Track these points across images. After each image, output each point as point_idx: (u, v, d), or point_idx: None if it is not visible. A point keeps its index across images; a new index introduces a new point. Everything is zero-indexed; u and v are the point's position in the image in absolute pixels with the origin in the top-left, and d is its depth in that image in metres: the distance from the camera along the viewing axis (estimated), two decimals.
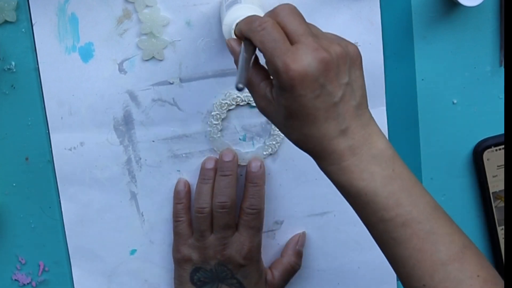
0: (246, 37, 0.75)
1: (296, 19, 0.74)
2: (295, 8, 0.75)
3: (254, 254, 0.93)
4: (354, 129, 0.74)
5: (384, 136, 0.76)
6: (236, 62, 0.76)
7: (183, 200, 0.95)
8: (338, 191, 0.76)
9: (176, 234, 0.95)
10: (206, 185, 0.93)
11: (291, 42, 0.73)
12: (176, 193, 0.95)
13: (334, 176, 0.75)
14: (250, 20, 0.75)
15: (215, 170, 0.93)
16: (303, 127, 0.73)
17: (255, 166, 0.93)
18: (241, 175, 0.96)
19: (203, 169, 0.94)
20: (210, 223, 0.93)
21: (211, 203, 0.92)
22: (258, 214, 0.93)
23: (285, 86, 0.72)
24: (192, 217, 0.95)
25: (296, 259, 0.96)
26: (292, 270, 0.96)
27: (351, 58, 0.74)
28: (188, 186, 0.95)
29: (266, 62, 0.74)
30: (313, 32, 0.74)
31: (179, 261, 0.94)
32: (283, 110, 0.73)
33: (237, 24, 0.80)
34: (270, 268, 0.96)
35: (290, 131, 0.75)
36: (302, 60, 0.71)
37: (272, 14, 0.75)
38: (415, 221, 0.74)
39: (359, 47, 0.92)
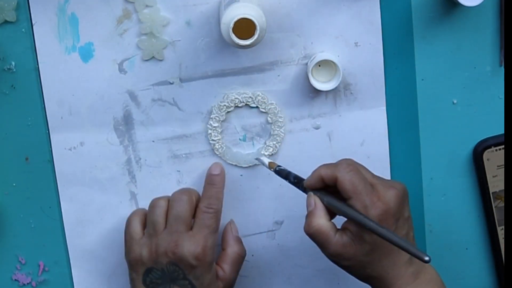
0: (331, 178, 0.85)
1: (362, 168, 0.86)
2: (352, 159, 0.87)
3: (207, 255, 0.91)
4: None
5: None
6: (312, 210, 0.87)
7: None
8: None
9: (129, 235, 0.93)
10: None
11: None
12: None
13: None
14: (331, 165, 0.86)
15: None
16: (381, 258, 0.85)
17: (215, 168, 0.94)
18: (240, 175, 0.96)
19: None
20: (164, 216, 0.92)
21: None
22: (215, 214, 0.92)
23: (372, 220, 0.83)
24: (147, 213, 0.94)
25: (239, 246, 0.95)
26: (240, 258, 0.95)
27: (407, 195, 0.87)
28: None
29: (352, 200, 0.84)
30: (372, 175, 0.87)
31: (131, 263, 0.92)
32: (366, 246, 0.84)
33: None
34: (217, 263, 0.94)
35: (368, 265, 0.85)
36: (385, 197, 0.84)
37: (337, 166, 0.86)
38: None
39: (359, 47, 0.93)
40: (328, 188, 0.87)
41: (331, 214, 0.87)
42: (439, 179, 0.96)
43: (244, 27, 0.83)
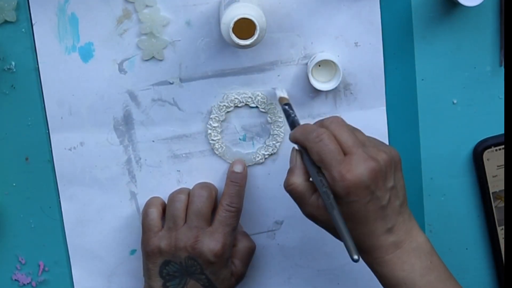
0: (302, 146, 0.83)
1: (346, 131, 0.83)
2: (342, 119, 0.84)
3: (225, 253, 0.92)
4: (398, 226, 0.83)
5: (422, 230, 0.85)
6: (292, 167, 0.85)
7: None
8: (378, 280, 0.84)
9: (146, 226, 0.94)
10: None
11: (343, 152, 0.82)
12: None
13: (377, 267, 0.84)
14: (306, 130, 0.84)
15: None
16: (354, 227, 0.82)
17: (238, 167, 0.94)
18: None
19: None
20: (184, 210, 0.93)
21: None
22: (236, 213, 0.93)
23: (340, 193, 0.81)
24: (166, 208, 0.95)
25: (248, 240, 0.96)
26: (251, 252, 0.96)
27: (395, 162, 0.84)
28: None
29: (322, 170, 0.82)
30: (361, 140, 0.83)
31: (149, 254, 0.93)
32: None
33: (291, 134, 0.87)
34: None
35: None
36: (356, 170, 0.80)
37: (323, 125, 0.83)
38: None
39: (359, 47, 0.93)
40: None
41: None
42: (439, 179, 0.96)
43: (244, 27, 0.83)
